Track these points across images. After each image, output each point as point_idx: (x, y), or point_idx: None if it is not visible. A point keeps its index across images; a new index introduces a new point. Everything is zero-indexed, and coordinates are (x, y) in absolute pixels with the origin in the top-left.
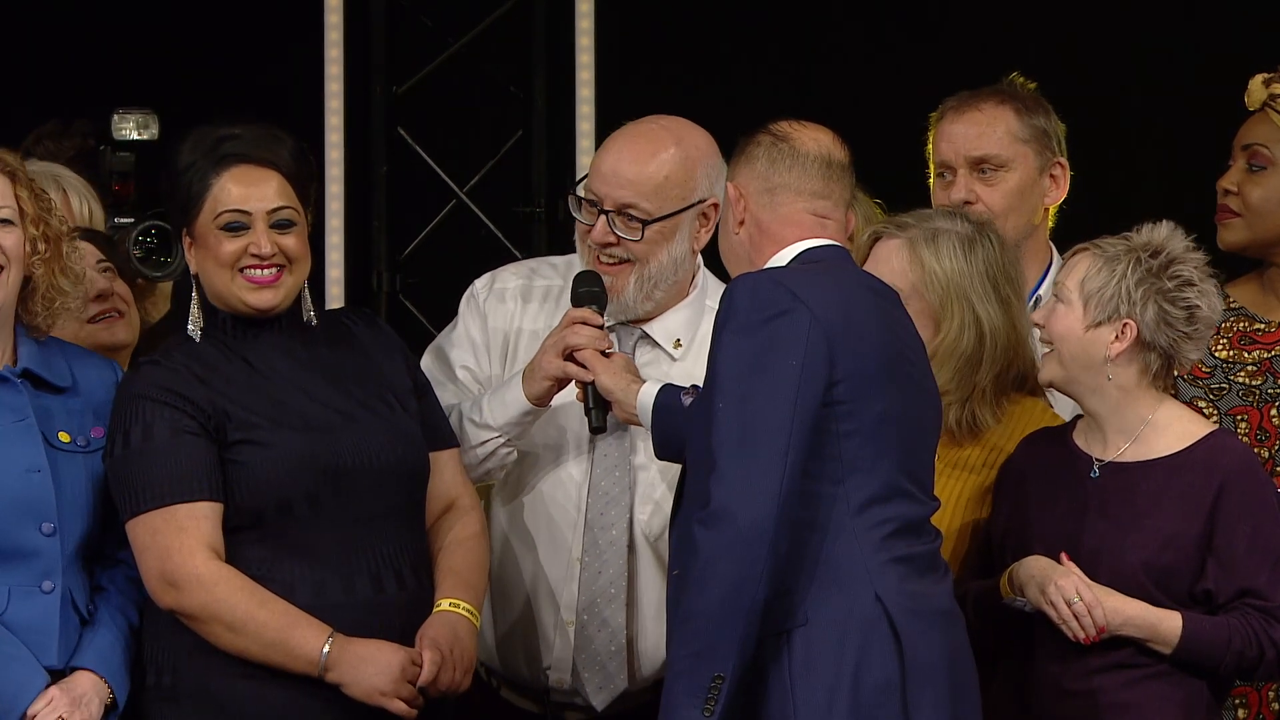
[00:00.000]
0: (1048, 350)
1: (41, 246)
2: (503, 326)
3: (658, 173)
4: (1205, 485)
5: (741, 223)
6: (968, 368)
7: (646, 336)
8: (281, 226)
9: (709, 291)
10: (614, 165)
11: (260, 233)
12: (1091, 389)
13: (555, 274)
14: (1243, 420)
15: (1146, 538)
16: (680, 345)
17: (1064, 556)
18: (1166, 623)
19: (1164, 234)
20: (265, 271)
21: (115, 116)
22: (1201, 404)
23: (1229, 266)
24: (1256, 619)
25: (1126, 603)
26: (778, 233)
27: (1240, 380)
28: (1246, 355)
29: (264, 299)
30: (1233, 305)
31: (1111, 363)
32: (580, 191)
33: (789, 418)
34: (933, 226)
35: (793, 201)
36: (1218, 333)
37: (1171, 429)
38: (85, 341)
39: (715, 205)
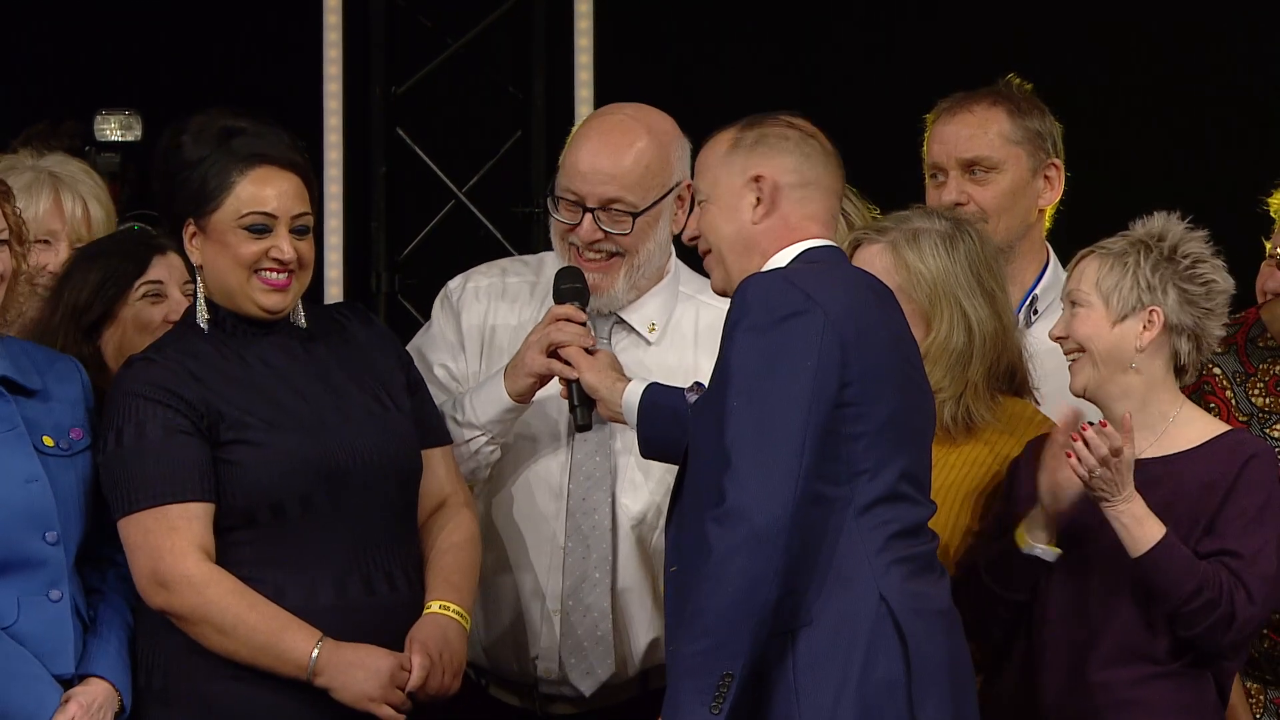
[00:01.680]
0: (1074, 359)
1: (24, 265)
2: (477, 323)
3: (638, 164)
4: (1230, 464)
5: (766, 213)
6: (959, 364)
7: (622, 322)
8: (300, 232)
9: (681, 278)
10: (592, 162)
11: (282, 236)
12: (1122, 390)
13: (528, 270)
14: None
15: (1179, 528)
16: (655, 329)
17: None
18: (1148, 527)
19: (1162, 222)
20: (280, 275)
21: (97, 118)
22: None
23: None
24: (1227, 575)
25: (1138, 501)
26: (799, 227)
27: (1277, 435)
28: None
29: (275, 302)
30: (1270, 343)
31: (1141, 354)
32: (555, 189)
33: (804, 418)
34: (912, 227)
35: (821, 199)
36: (1254, 374)
37: (1193, 425)
38: None
39: (688, 186)
